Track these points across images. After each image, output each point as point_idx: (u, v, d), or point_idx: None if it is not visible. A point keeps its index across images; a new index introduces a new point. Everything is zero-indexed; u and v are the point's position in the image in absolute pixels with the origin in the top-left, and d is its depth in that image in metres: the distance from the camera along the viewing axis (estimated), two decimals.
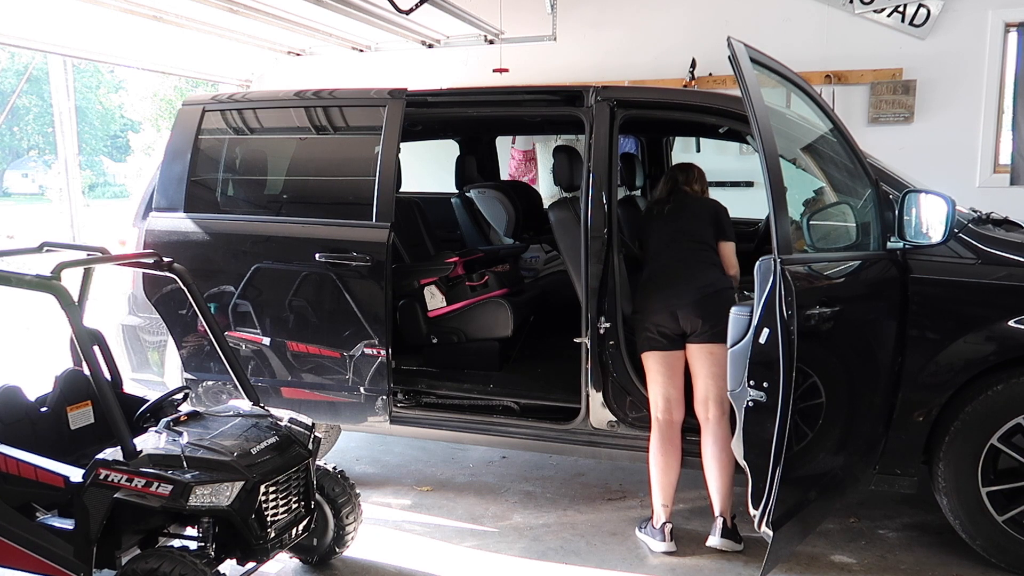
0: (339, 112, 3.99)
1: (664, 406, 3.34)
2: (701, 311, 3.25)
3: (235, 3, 5.27)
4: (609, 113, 3.49)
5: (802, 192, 3.49)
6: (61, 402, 3.24)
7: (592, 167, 3.47)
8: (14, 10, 5.32)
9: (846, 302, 2.95)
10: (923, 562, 3.26)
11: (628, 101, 3.55)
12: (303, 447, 2.92)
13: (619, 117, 3.50)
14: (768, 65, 3.08)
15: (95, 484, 2.59)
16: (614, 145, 3.51)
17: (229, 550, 2.77)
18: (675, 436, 3.34)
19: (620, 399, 3.53)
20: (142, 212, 4.17)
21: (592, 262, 3.46)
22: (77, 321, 2.76)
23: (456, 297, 4.20)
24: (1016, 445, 3.02)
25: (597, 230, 3.45)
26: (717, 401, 3.24)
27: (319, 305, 3.73)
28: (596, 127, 3.48)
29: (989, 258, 3.11)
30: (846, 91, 6.25)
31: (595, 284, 3.46)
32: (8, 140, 38.41)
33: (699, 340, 3.28)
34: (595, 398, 3.53)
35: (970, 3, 5.97)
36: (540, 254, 5.46)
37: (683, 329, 3.30)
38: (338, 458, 4.30)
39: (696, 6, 6.56)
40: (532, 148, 7.23)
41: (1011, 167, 5.96)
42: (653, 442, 3.36)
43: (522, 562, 3.33)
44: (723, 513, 3.29)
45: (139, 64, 7.08)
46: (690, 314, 3.27)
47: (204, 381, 3.95)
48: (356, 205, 3.73)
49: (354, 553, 3.30)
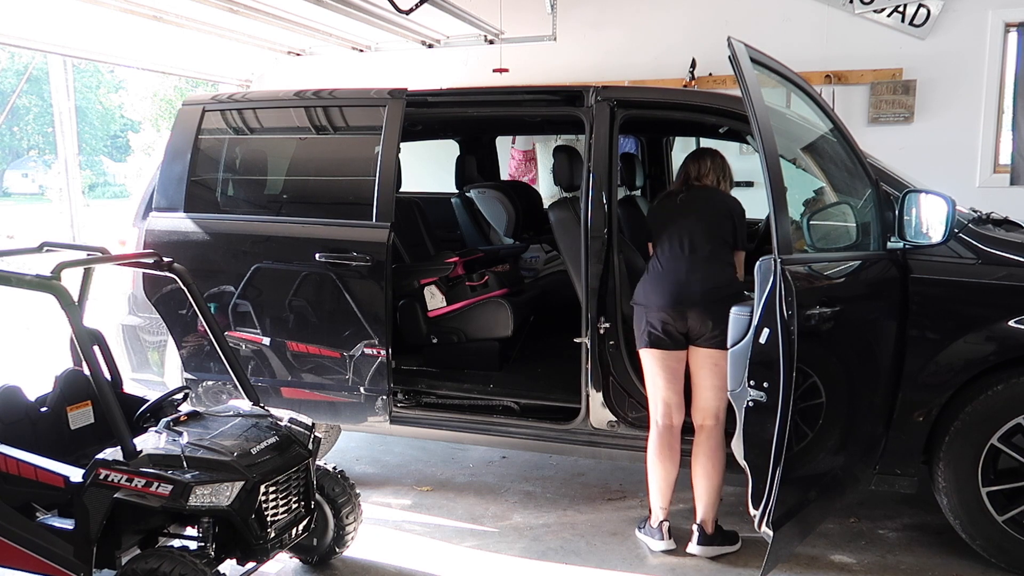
0: (339, 112, 3.99)
1: (664, 411, 3.29)
2: (712, 313, 3.12)
3: (235, 3, 5.27)
4: (609, 113, 3.49)
5: (802, 192, 3.49)
6: (61, 402, 3.24)
7: (592, 167, 3.47)
8: (14, 10, 5.32)
9: (846, 302, 2.95)
10: (923, 562, 3.26)
11: (628, 101, 3.55)
12: (303, 447, 2.92)
13: (619, 117, 3.49)
14: (768, 65, 3.08)
15: (95, 484, 2.59)
16: (614, 145, 3.51)
17: (229, 550, 2.77)
18: (674, 441, 3.31)
19: (620, 399, 3.53)
20: (142, 212, 4.17)
21: (592, 262, 3.46)
22: (77, 321, 2.76)
23: (456, 297, 4.20)
24: (1016, 445, 3.02)
25: (597, 230, 3.45)
26: (714, 413, 3.22)
27: (319, 305, 3.73)
28: (596, 127, 3.48)
29: (989, 258, 3.11)
30: (846, 91, 6.25)
31: (595, 284, 3.46)
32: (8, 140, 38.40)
33: (705, 344, 3.19)
34: (595, 398, 3.53)
35: (970, 3, 5.96)
36: (540, 254, 5.46)
37: (689, 329, 3.22)
38: (338, 458, 4.30)
39: (696, 6, 6.56)
40: (532, 148, 7.22)
41: (1011, 167, 5.96)
42: (651, 445, 3.33)
43: (522, 562, 3.33)
44: (704, 521, 3.28)
45: (139, 64, 7.08)
46: (701, 315, 3.16)
47: (204, 381, 3.95)
48: (356, 205, 3.73)
49: (354, 553, 3.30)
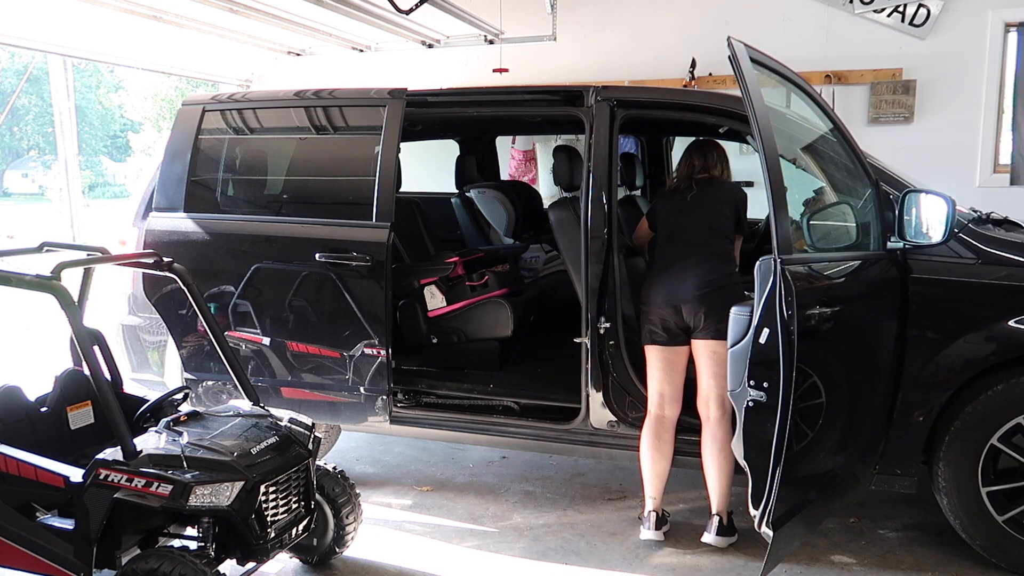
0: (339, 112, 3.99)
1: (657, 401, 3.35)
2: (705, 306, 3.20)
3: (235, 3, 5.27)
4: (609, 113, 3.49)
5: (802, 192, 3.49)
6: (61, 402, 3.24)
7: (592, 167, 3.46)
8: (14, 10, 5.32)
9: (846, 302, 2.95)
10: (923, 562, 3.26)
11: (628, 101, 3.55)
12: (303, 447, 2.92)
13: (619, 117, 3.49)
14: (768, 65, 3.08)
15: (95, 484, 2.59)
16: (614, 145, 3.50)
17: (229, 550, 2.77)
18: (665, 432, 3.34)
19: (620, 399, 3.53)
20: (142, 212, 4.17)
21: (592, 262, 3.46)
22: (77, 321, 2.76)
23: (456, 297, 4.20)
24: (1016, 445, 3.02)
25: (597, 230, 3.45)
26: (718, 401, 3.23)
27: (319, 305, 3.72)
28: (596, 127, 3.48)
29: (989, 258, 3.11)
30: (846, 91, 6.25)
31: (595, 284, 3.46)
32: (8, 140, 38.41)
33: (702, 336, 3.24)
34: (595, 398, 3.53)
35: (970, 3, 5.97)
36: (540, 254, 5.45)
37: (687, 323, 3.27)
38: (338, 458, 4.31)
39: (696, 6, 6.56)
40: (532, 148, 7.22)
41: (1011, 167, 5.96)
42: (644, 434, 3.37)
43: (522, 562, 3.33)
44: (720, 512, 3.30)
45: (139, 64, 7.08)
46: (694, 308, 3.22)
47: (204, 381, 3.95)
48: (356, 205, 3.73)
49: (354, 553, 3.30)
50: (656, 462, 3.35)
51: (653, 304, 3.32)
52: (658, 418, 3.35)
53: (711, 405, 3.26)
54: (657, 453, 3.35)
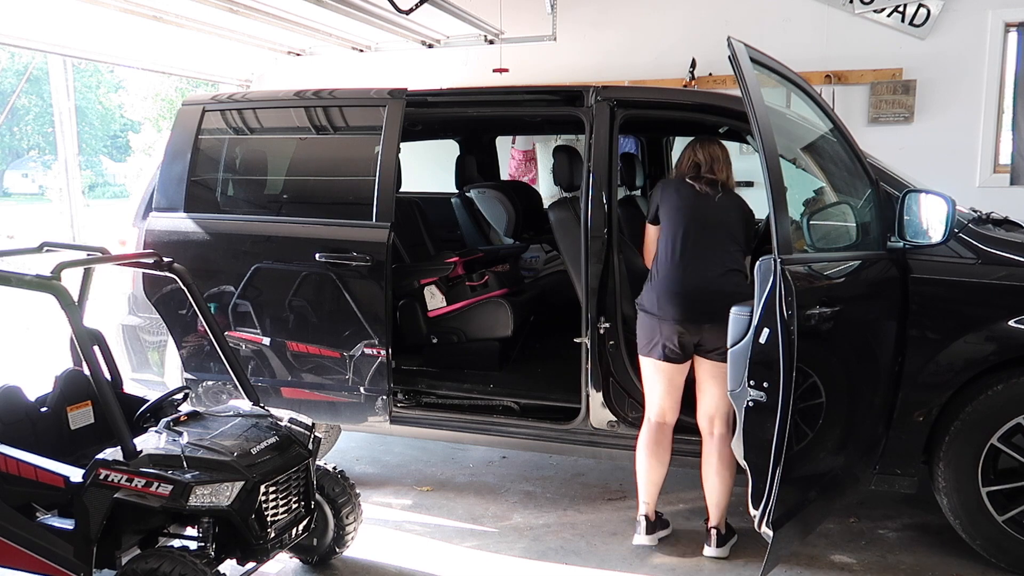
0: (339, 112, 3.99)
1: (658, 412, 3.30)
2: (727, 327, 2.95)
3: (235, 3, 5.27)
4: (609, 113, 3.49)
5: (802, 192, 3.48)
6: (61, 402, 3.24)
7: (592, 167, 3.47)
8: (14, 10, 5.32)
9: (846, 302, 2.95)
10: (923, 562, 3.26)
11: (628, 101, 3.55)
12: (303, 447, 2.92)
13: (619, 117, 3.49)
14: (768, 65, 3.08)
15: (95, 484, 2.59)
16: (614, 145, 3.51)
17: (229, 550, 2.77)
18: (664, 438, 3.31)
19: (620, 399, 3.53)
20: (142, 212, 4.17)
21: (592, 262, 3.46)
22: (77, 321, 2.76)
23: (456, 297, 4.20)
24: (1016, 445, 3.02)
25: (597, 230, 3.45)
26: (724, 419, 3.19)
27: (319, 305, 3.73)
28: (596, 127, 3.48)
29: (989, 258, 3.11)
30: (846, 91, 6.25)
31: (595, 284, 3.46)
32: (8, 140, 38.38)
33: (716, 358, 3.11)
34: (595, 398, 3.53)
35: (970, 3, 5.96)
36: (540, 254, 5.46)
37: (703, 342, 3.14)
38: (338, 458, 4.30)
39: (696, 6, 6.56)
40: (532, 148, 7.22)
41: (1011, 167, 5.95)
42: (641, 440, 3.33)
43: (522, 562, 3.33)
44: (718, 525, 3.28)
45: (139, 64, 7.08)
46: (718, 330, 2.99)
47: (204, 381, 3.95)
48: (356, 205, 3.73)
49: (354, 553, 3.30)
50: (653, 468, 3.31)
51: (668, 319, 3.15)
52: (659, 426, 3.30)
53: (716, 422, 3.21)
54: (655, 459, 3.30)
